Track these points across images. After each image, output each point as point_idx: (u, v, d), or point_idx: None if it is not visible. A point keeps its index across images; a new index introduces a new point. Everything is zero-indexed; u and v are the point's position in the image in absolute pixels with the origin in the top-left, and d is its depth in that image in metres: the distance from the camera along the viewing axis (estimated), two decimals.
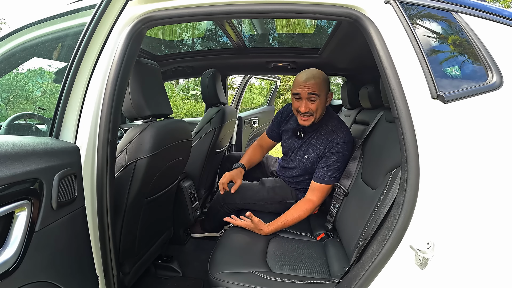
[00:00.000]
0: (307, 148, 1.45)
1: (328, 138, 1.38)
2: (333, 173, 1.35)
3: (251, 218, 1.23)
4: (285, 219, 1.28)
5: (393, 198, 0.77)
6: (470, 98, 0.69)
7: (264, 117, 3.43)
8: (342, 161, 1.36)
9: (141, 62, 1.07)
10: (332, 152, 1.36)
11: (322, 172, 1.36)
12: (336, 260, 1.09)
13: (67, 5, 0.96)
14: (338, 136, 1.36)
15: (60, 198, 0.68)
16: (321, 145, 1.40)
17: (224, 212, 1.53)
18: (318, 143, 1.41)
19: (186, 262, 1.58)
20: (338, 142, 1.35)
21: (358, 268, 0.76)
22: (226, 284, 0.93)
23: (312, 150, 1.43)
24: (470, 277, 0.65)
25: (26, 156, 0.62)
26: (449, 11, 0.76)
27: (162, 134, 1.08)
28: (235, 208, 1.52)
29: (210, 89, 1.83)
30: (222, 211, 1.55)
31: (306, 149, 1.45)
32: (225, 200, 1.52)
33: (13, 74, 2.26)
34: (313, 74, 1.33)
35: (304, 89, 1.32)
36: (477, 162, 0.66)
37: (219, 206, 1.55)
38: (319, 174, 1.36)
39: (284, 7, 0.82)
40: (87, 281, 0.82)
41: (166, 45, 2.13)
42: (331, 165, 1.35)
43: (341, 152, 1.35)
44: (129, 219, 1.06)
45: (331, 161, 1.35)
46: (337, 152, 1.35)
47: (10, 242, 0.59)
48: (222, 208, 1.54)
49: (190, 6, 0.84)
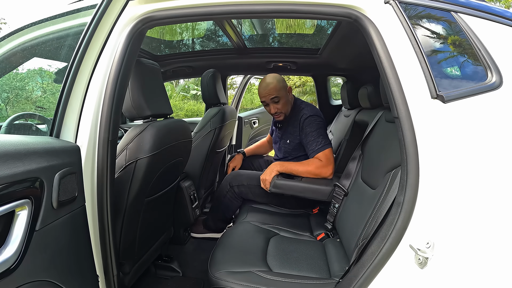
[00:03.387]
0: (286, 135, 1.69)
1: (297, 118, 1.61)
2: (316, 142, 1.51)
3: None
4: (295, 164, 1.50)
5: (393, 198, 0.77)
6: (469, 98, 0.69)
7: (264, 117, 3.43)
8: (317, 129, 1.53)
9: (141, 62, 1.07)
10: (305, 126, 1.56)
11: (309, 146, 1.53)
12: (336, 259, 1.09)
13: (67, 5, 0.96)
14: (303, 113, 1.59)
15: (61, 197, 0.69)
16: (295, 126, 1.62)
17: (229, 197, 1.64)
18: (292, 126, 1.65)
19: (186, 262, 1.59)
20: (305, 117, 1.57)
21: (358, 267, 0.76)
22: (226, 284, 0.93)
23: (290, 134, 1.66)
24: (470, 276, 0.65)
25: (27, 155, 0.62)
26: (449, 11, 0.76)
27: (162, 134, 1.08)
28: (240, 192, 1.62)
29: (210, 89, 1.83)
30: (227, 196, 1.64)
31: (286, 135, 1.69)
32: (232, 182, 1.63)
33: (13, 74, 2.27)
34: (267, 82, 1.58)
35: (266, 96, 1.58)
36: (477, 161, 0.66)
37: (225, 190, 1.65)
38: (309, 150, 1.54)
39: (284, 7, 0.82)
40: (87, 281, 0.82)
41: (166, 45, 2.13)
42: (311, 136, 1.53)
43: (310, 124, 1.55)
44: (129, 219, 1.06)
45: (309, 133, 1.54)
46: (308, 125, 1.55)
47: (10, 241, 0.59)
48: (228, 193, 1.64)
49: (190, 6, 0.84)
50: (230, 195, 1.63)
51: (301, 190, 1.40)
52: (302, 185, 1.41)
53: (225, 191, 1.64)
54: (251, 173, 1.66)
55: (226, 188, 1.64)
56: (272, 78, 1.59)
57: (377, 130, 1.26)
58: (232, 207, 1.66)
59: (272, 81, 1.57)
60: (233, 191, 1.62)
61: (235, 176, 1.64)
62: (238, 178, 1.63)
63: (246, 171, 1.73)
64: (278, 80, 1.58)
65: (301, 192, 1.40)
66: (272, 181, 1.43)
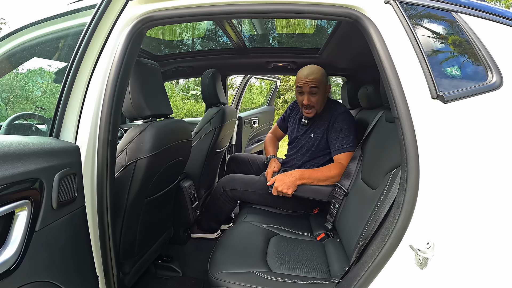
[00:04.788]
0: (312, 129, 1.57)
1: (330, 113, 1.52)
2: (346, 141, 1.42)
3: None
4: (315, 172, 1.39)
5: (393, 198, 0.77)
6: (470, 98, 0.69)
7: (264, 117, 3.42)
8: (350, 128, 1.45)
9: (141, 62, 1.07)
10: (337, 121, 1.47)
11: (336, 143, 1.45)
12: (336, 260, 1.09)
13: (67, 5, 0.96)
14: (339, 108, 1.51)
15: (60, 198, 0.68)
16: (325, 120, 1.52)
17: (223, 200, 1.60)
18: (322, 120, 1.54)
19: (186, 262, 1.59)
20: (340, 112, 1.49)
21: (358, 268, 0.76)
22: (226, 284, 0.93)
23: (317, 128, 1.54)
24: (469, 276, 0.65)
25: (27, 156, 0.62)
26: (449, 11, 0.76)
27: (162, 134, 1.08)
28: (233, 197, 1.58)
29: (210, 89, 1.83)
30: (221, 199, 1.60)
31: (311, 130, 1.57)
32: (226, 187, 1.58)
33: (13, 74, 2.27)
34: (312, 70, 1.48)
35: (305, 84, 1.46)
36: (477, 162, 0.66)
37: (219, 193, 1.60)
38: (335, 146, 1.45)
39: (284, 7, 0.82)
40: (87, 281, 0.82)
41: (166, 45, 2.13)
42: (341, 133, 1.44)
43: (345, 120, 1.46)
44: (129, 219, 1.06)
45: (339, 129, 1.45)
46: (342, 120, 1.46)
47: (10, 241, 0.59)
48: (221, 196, 1.60)
49: (190, 6, 0.84)
50: (224, 199, 1.60)
51: (301, 190, 1.40)
52: (302, 186, 1.40)
53: (219, 194, 1.61)
54: (245, 178, 1.60)
55: (219, 191, 1.60)
56: (318, 68, 1.49)
57: (377, 130, 1.26)
58: (226, 209, 1.64)
59: (318, 72, 1.47)
60: (227, 194, 1.59)
61: (229, 180, 1.60)
62: (232, 182, 1.58)
63: (241, 175, 1.65)
64: (323, 74, 1.49)
65: (301, 192, 1.40)
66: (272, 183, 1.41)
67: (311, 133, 1.56)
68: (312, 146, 1.55)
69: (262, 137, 3.45)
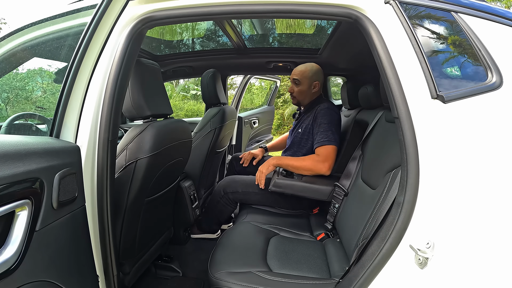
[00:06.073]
0: (300, 124, 1.68)
1: (313, 108, 1.62)
2: (324, 135, 1.48)
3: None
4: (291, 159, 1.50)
5: (393, 198, 0.77)
6: (470, 98, 0.69)
7: (264, 117, 3.42)
8: (329, 123, 1.51)
9: (141, 62, 1.07)
10: (318, 116, 1.55)
11: (316, 137, 1.52)
12: (336, 260, 1.09)
13: (67, 5, 0.96)
14: (322, 104, 1.60)
15: (61, 198, 0.69)
16: (309, 116, 1.63)
17: (223, 203, 1.60)
18: (307, 116, 1.65)
19: (186, 262, 1.59)
20: (322, 108, 1.57)
21: (358, 268, 0.76)
22: (226, 284, 0.93)
23: (304, 124, 1.65)
24: (469, 276, 0.65)
25: (27, 156, 0.62)
26: (449, 11, 0.76)
27: (162, 134, 1.08)
28: (234, 199, 1.58)
29: (210, 89, 1.83)
30: (221, 202, 1.60)
31: (299, 125, 1.69)
32: (226, 189, 1.58)
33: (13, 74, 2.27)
34: (305, 66, 1.64)
35: (292, 75, 1.66)
36: (477, 162, 0.66)
37: (219, 196, 1.60)
38: (315, 140, 1.52)
39: (284, 7, 0.82)
40: (87, 281, 0.82)
41: (166, 45, 2.13)
42: (321, 127, 1.51)
43: (326, 115, 1.53)
44: (129, 219, 1.06)
45: (319, 124, 1.53)
46: (322, 115, 1.54)
47: (10, 241, 0.59)
48: (222, 199, 1.59)
49: (190, 6, 0.84)
50: (224, 201, 1.59)
51: (301, 189, 1.40)
52: (303, 185, 1.40)
53: (219, 197, 1.60)
54: (246, 179, 1.61)
55: (219, 194, 1.59)
56: (310, 65, 1.64)
57: (377, 130, 1.26)
58: (226, 211, 1.63)
59: (306, 67, 1.63)
60: (227, 197, 1.58)
61: (230, 183, 1.59)
62: (233, 185, 1.58)
63: (241, 176, 1.67)
64: (311, 70, 1.63)
65: (301, 192, 1.40)
66: (272, 180, 1.42)
67: (299, 128, 1.66)
68: (297, 140, 1.66)
69: (262, 137, 3.45)
